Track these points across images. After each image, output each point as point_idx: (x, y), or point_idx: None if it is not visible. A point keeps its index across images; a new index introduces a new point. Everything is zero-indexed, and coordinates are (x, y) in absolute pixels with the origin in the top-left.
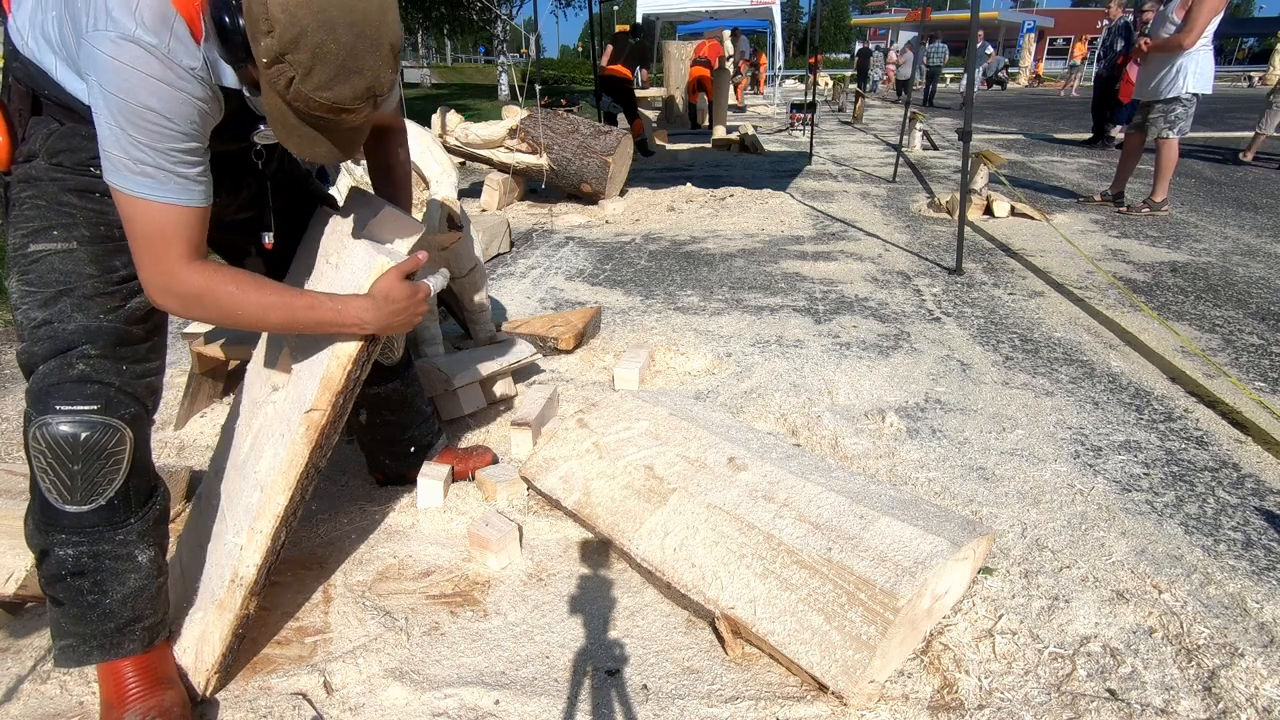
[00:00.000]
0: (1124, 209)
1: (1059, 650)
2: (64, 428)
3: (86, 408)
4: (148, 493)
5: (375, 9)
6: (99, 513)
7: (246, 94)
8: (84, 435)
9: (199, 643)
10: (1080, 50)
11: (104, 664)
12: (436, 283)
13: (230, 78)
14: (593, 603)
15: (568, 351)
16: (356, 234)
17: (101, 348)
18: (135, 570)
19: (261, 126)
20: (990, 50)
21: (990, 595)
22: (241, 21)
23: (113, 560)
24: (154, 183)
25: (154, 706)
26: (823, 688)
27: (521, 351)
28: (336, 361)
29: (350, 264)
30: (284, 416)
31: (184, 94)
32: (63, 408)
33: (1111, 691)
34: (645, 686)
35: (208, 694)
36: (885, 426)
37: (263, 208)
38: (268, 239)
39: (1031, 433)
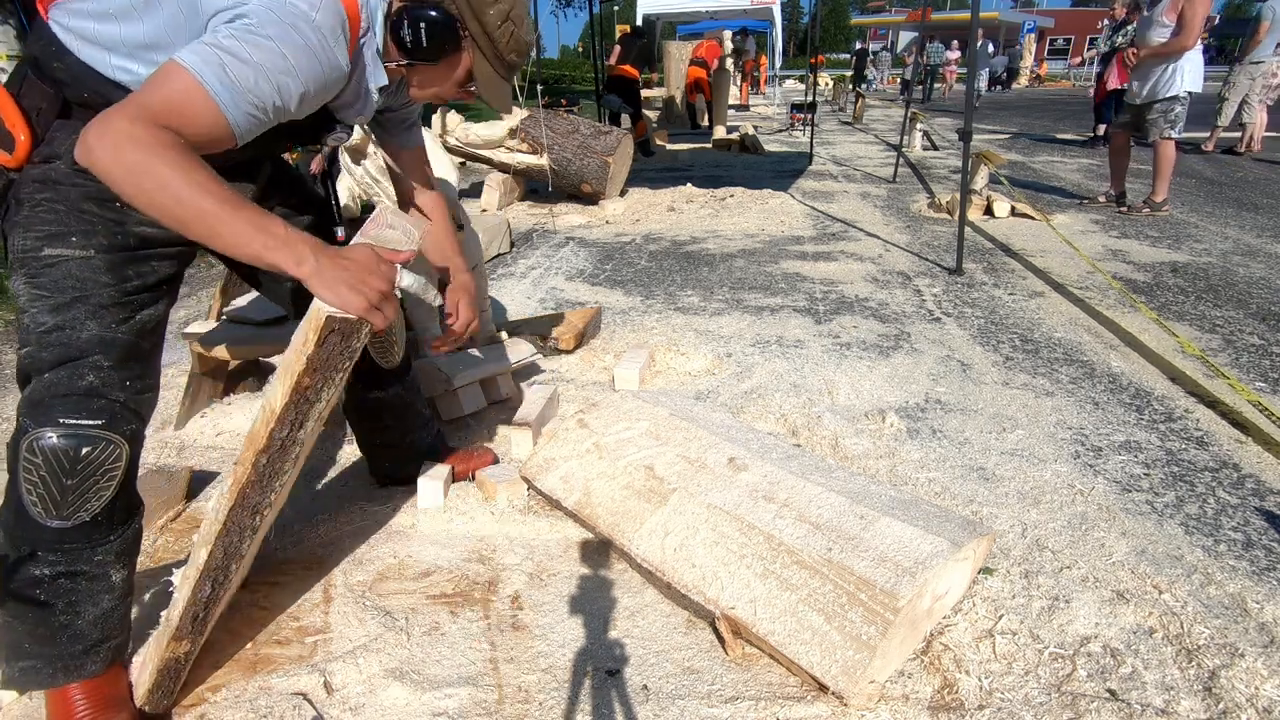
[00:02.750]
0: (1124, 209)
1: (1059, 650)
2: (64, 441)
3: (90, 422)
4: (128, 510)
5: None
6: (81, 529)
7: (387, 87)
8: (84, 450)
9: (143, 663)
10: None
11: (73, 685)
12: (409, 279)
13: (381, 76)
14: (593, 603)
15: (568, 351)
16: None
17: (113, 359)
18: (109, 590)
19: (337, 129)
20: (992, 49)
21: (990, 595)
22: (423, 27)
23: (88, 580)
24: (221, 85)
25: None
26: (823, 688)
27: (521, 351)
28: (262, 416)
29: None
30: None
31: (318, 69)
32: (66, 420)
33: (1112, 692)
34: (645, 686)
35: (145, 709)
36: (885, 427)
37: (274, 205)
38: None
39: (1032, 433)
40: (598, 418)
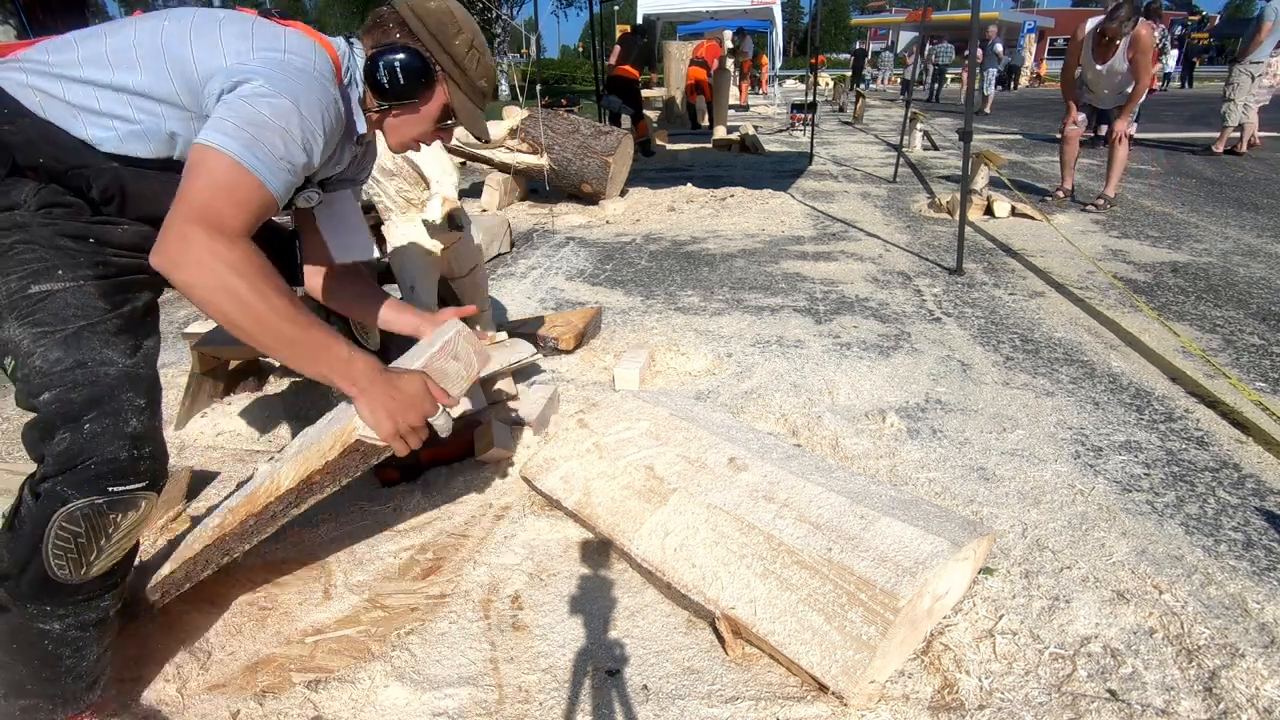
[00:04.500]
0: (1089, 205)
1: (1059, 650)
2: (110, 509)
3: (137, 486)
4: (133, 552)
5: None
6: (99, 580)
7: (364, 137)
8: (129, 515)
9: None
10: None
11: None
12: (442, 420)
13: (361, 124)
14: (593, 603)
15: (568, 351)
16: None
17: (144, 396)
18: (109, 629)
19: (308, 189)
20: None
21: (991, 595)
22: (399, 67)
23: (95, 627)
24: (256, 159)
25: None
26: (823, 688)
27: (521, 351)
28: (267, 486)
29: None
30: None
31: (334, 126)
32: (116, 489)
33: (1112, 692)
34: (645, 686)
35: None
36: (886, 427)
37: None
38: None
39: (1032, 433)
40: (598, 418)
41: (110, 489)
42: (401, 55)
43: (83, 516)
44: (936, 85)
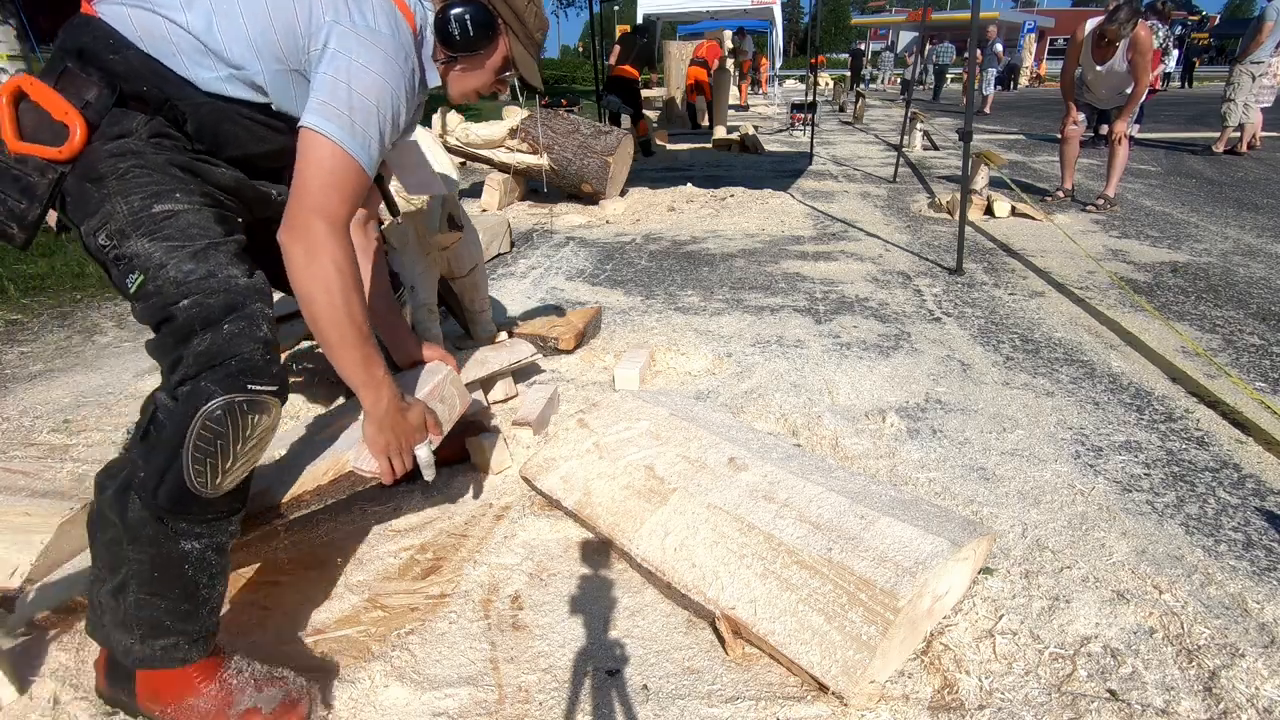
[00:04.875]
0: (1090, 206)
1: (1059, 650)
2: (249, 408)
3: (269, 388)
4: (250, 478)
5: None
6: (227, 499)
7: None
8: (262, 419)
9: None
10: None
11: (201, 661)
12: (424, 454)
13: (435, 78)
14: (593, 603)
15: (568, 351)
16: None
17: (269, 306)
18: (229, 565)
19: None
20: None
21: (990, 595)
22: (468, 19)
23: (223, 554)
24: (358, 143)
25: (276, 689)
26: (823, 688)
27: (521, 351)
28: (259, 500)
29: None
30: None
31: (413, 91)
32: (255, 386)
33: (1112, 692)
34: (645, 686)
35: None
36: (886, 427)
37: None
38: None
39: (1032, 433)
40: (598, 418)
41: (250, 386)
42: (469, 8)
43: (225, 414)
44: (938, 85)
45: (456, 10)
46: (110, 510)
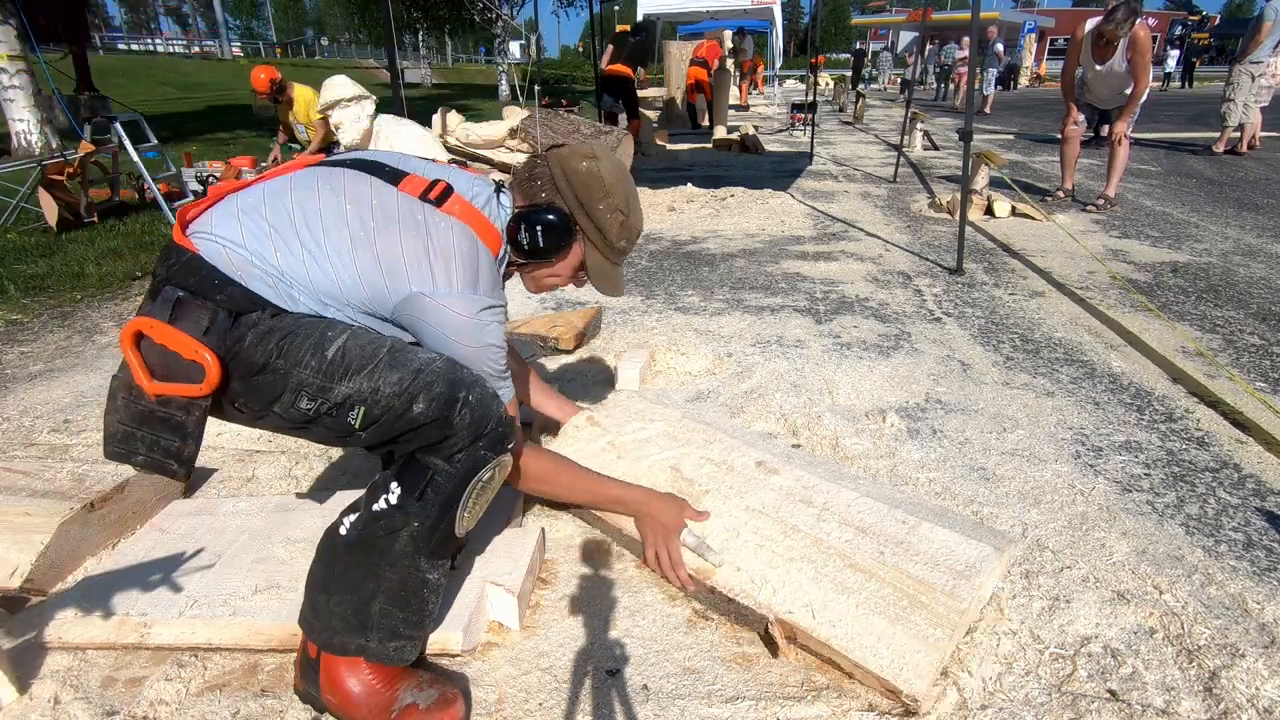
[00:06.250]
0: (1090, 206)
1: (1060, 651)
2: (503, 464)
3: (511, 443)
4: None
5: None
6: (466, 536)
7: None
8: (502, 473)
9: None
10: None
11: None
12: (691, 540)
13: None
14: (593, 603)
15: (568, 351)
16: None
17: (465, 366)
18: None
19: None
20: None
21: (991, 595)
22: (540, 231)
23: (444, 579)
24: (506, 383)
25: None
26: (891, 692)
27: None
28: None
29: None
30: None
31: (500, 300)
32: (509, 445)
33: (1112, 692)
34: (645, 686)
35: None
36: (886, 427)
37: None
38: None
39: (1032, 433)
40: (609, 416)
41: (509, 445)
42: (548, 217)
43: (492, 473)
44: (941, 85)
45: (533, 218)
46: (359, 542)
